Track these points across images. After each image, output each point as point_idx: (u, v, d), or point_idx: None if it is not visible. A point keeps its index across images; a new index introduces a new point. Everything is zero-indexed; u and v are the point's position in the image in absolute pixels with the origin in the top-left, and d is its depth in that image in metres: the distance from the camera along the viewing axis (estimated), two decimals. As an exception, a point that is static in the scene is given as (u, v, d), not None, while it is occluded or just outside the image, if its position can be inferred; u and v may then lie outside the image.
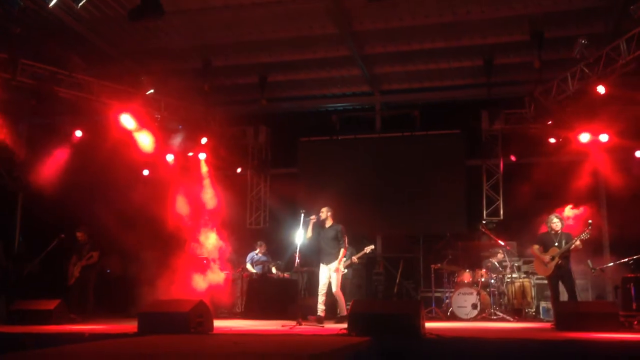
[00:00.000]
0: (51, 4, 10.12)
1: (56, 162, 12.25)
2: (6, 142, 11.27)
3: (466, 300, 10.63)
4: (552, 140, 11.66)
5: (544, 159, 12.35)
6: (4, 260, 11.20)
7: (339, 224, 9.53)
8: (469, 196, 13.36)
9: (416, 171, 13.62)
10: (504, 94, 12.99)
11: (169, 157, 13.05)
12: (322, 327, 8.13)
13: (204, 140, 12.89)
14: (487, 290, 10.97)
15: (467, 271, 11.25)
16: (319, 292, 9.23)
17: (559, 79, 11.09)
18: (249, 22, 11.27)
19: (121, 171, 12.83)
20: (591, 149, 11.67)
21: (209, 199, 12.99)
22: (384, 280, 12.82)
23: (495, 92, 12.83)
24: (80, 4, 10.19)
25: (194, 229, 12.15)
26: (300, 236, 9.08)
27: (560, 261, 8.84)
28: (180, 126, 12.63)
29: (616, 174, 11.70)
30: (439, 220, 13.18)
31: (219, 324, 8.27)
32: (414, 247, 13.55)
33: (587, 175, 11.93)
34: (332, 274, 9.22)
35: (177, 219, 12.12)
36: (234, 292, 12.15)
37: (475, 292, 10.64)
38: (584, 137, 11.25)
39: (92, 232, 10.88)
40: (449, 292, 11.44)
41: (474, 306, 10.53)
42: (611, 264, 10.10)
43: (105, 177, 12.77)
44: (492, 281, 11.02)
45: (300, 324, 8.44)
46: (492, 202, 13.12)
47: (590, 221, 8.85)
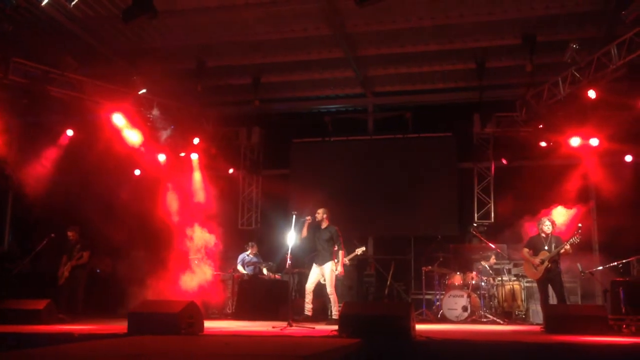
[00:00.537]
0: (44, 3, 10.06)
1: (47, 161, 12.20)
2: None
3: (457, 302, 10.66)
4: (543, 143, 11.75)
5: (535, 162, 12.44)
6: None
7: (334, 226, 9.58)
8: (461, 199, 13.43)
9: (408, 173, 13.66)
10: (495, 97, 13.06)
11: (161, 157, 13.03)
12: (313, 328, 8.12)
13: (197, 140, 12.88)
14: (478, 292, 11.00)
15: (458, 274, 11.29)
16: (306, 291, 9.26)
17: (550, 83, 11.16)
18: (242, 23, 11.26)
19: (112, 171, 12.80)
20: (582, 153, 11.76)
21: (200, 200, 12.98)
22: (375, 282, 12.84)
23: (487, 95, 12.89)
24: (73, 3, 10.14)
25: (185, 230, 12.13)
26: (291, 237, 9.08)
27: (550, 265, 8.88)
28: (172, 126, 12.59)
29: (606, 178, 11.79)
30: (431, 222, 13.22)
31: (209, 325, 8.26)
32: (405, 249, 13.57)
33: (577, 179, 12.02)
34: (326, 275, 9.26)
35: (168, 219, 12.10)
36: (224, 293, 12.13)
37: (465, 295, 10.67)
38: (575, 141, 11.35)
39: (83, 231, 10.84)
40: (439, 295, 11.47)
41: (465, 309, 10.56)
42: (600, 268, 10.16)
43: (96, 176, 12.73)
44: (483, 284, 11.06)
45: (291, 325, 8.44)
46: (483, 205, 13.19)
47: (580, 225, 8.92)
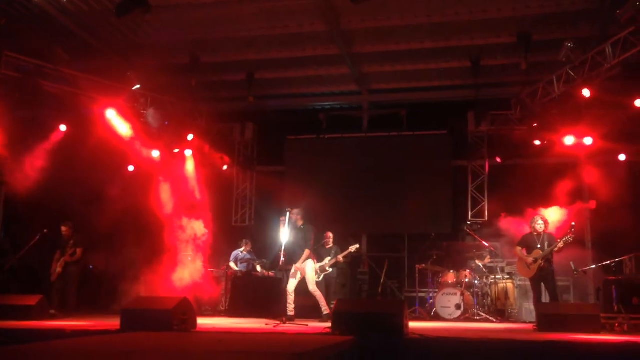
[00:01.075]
0: (37, -4, 10.02)
1: (40, 156, 12.12)
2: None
3: (450, 300, 10.68)
4: (538, 142, 11.77)
5: (529, 161, 12.46)
6: None
7: (309, 225, 9.47)
8: (455, 197, 13.45)
9: (402, 171, 13.66)
10: (490, 96, 13.05)
11: (154, 153, 12.98)
12: (306, 325, 8.11)
13: (191, 136, 12.84)
14: (471, 291, 11.02)
15: (452, 272, 11.30)
16: (287, 292, 9.16)
17: (545, 82, 11.18)
18: (237, 19, 11.21)
19: (105, 167, 12.74)
20: (576, 152, 11.78)
21: (193, 196, 12.95)
22: (368, 279, 12.86)
23: (482, 93, 12.88)
24: (66, -3, 10.10)
25: (179, 226, 12.10)
26: (285, 235, 9.05)
27: (542, 263, 8.90)
28: (166, 122, 12.55)
29: (600, 177, 11.83)
30: (424, 220, 13.23)
31: (202, 321, 8.23)
32: (399, 247, 13.59)
33: (571, 177, 12.05)
34: (306, 273, 9.20)
35: (162, 215, 12.07)
36: (218, 290, 12.11)
37: (459, 293, 10.69)
38: (569, 140, 11.37)
39: (76, 227, 10.78)
40: (432, 293, 11.48)
41: (458, 306, 10.58)
42: (593, 266, 10.20)
43: (89, 172, 12.68)
44: (476, 282, 11.08)
45: (284, 323, 8.43)
46: (477, 203, 13.21)
47: (573, 223, 8.94)
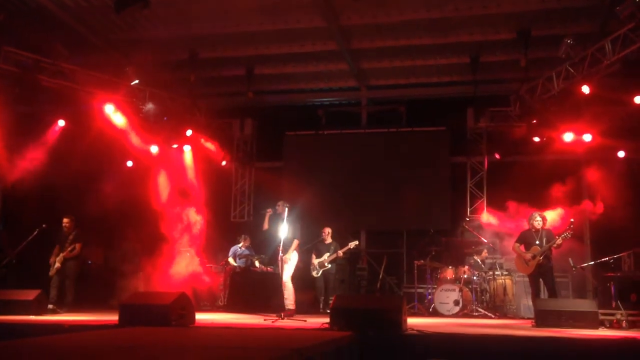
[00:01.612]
0: (36, -9, 9.98)
1: (38, 151, 12.10)
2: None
3: (448, 296, 10.68)
4: (537, 139, 11.75)
5: (528, 157, 12.46)
6: None
7: (294, 217, 9.44)
8: (453, 193, 13.43)
9: (401, 167, 13.66)
10: (489, 92, 13.06)
11: (153, 149, 12.97)
12: (304, 321, 8.11)
13: (189, 132, 12.83)
14: (470, 287, 11.03)
15: (450, 268, 11.31)
16: (284, 284, 9.15)
17: (544, 78, 11.17)
18: (236, 14, 11.19)
19: (104, 162, 12.73)
20: (575, 149, 11.77)
21: (192, 191, 12.94)
22: (367, 275, 12.86)
23: (481, 89, 12.89)
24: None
25: (177, 221, 12.09)
26: (284, 230, 9.05)
27: (541, 260, 8.91)
28: (165, 117, 12.53)
29: (599, 174, 11.83)
30: (423, 216, 13.24)
31: (200, 317, 8.23)
32: (398, 243, 13.59)
33: (570, 174, 12.04)
34: (287, 263, 9.16)
35: (160, 210, 12.06)
36: (216, 285, 12.11)
37: (457, 289, 10.69)
38: (568, 137, 11.36)
39: (77, 222, 10.76)
40: (431, 288, 11.49)
41: (456, 303, 10.58)
42: (592, 263, 10.20)
43: (88, 167, 12.67)
44: (475, 278, 11.08)
45: (282, 318, 8.43)
46: (476, 200, 13.20)
47: (572, 220, 8.93)
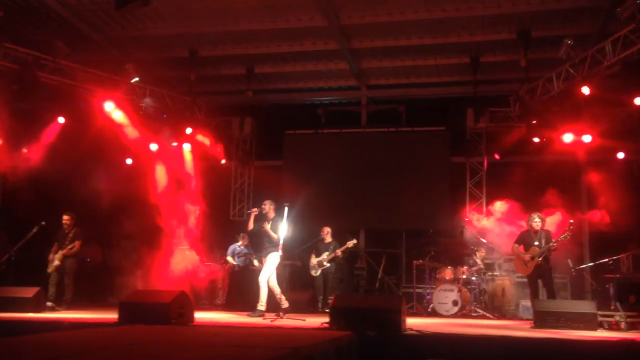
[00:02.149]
0: (36, -12, 9.97)
1: (37, 148, 12.10)
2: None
3: (447, 296, 10.68)
4: (536, 139, 11.75)
5: (528, 158, 12.47)
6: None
7: (280, 217, 9.36)
8: (452, 193, 13.43)
9: (400, 167, 13.65)
10: (489, 92, 13.06)
11: (152, 146, 12.96)
12: (304, 320, 8.11)
13: (189, 130, 12.82)
14: (468, 287, 11.03)
15: (449, 268, 11.30)
16: (271, 287, 9.06)
17: (544, 79, 11.17)
18: (237, 12, 11.19)
19: (104, 159, 12.73)
20: (574, 149, 11.78)
21: (191, 189, 12.94)
22: (366, 274, 12.84)
23: (480, 90, 12.87)
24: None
25: (176, 219, 12.09)
26: (283, 229, 9.03)
27: (540, 260, 8.89)
28: (165, 115, 12.53)
29: (598, 175, 11.84)
30: (422, 216, 13.23)
31: (199, 315, 8.24)
32: (397, 243, 13.59)
33: (569, 175, 12.05)
34: (267, 263, 8.97)
35: (159, 208, 12.05)
36: (215, 283, 12.11)
37: (456, 289, 10.69)
38: (568, 138, 11.36)
39: (77, 219, 10.74)
40: (430, 289, 11.49)
41: (455, 303, 10.58)
42: (591, 264, 10.21)
43: (87, 165, 12.66)
44: (473, 278, 11.08)
45: (281, 317, 8.43)
46: (475, 200, 13.20)
47: (571, 221, 8.93)
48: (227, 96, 14.43)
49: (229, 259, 12.16)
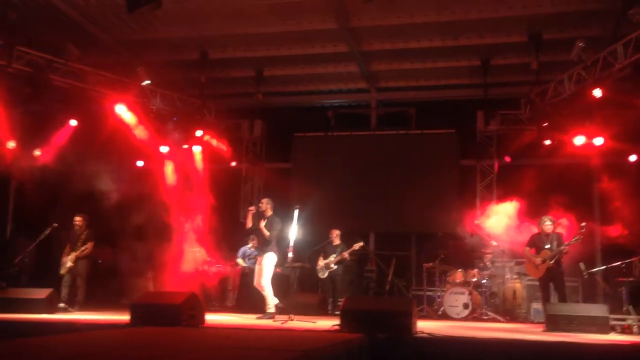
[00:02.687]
0: (48, -9, 10.04)
1: (50, 151, 12.18)
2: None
3: (457, 299, 10.65)
4: (547, 142, 11.70)
5: (539, 161, 12.41)
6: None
7: (277, 217, 9.33)
8: (463, 196, 13.38)
9: (410, 169, 13.63)
10: (500, 95, 13.02)
11: (163, 149, 13.02)
12: (314, 322, 8.11)
13: (199, 132, 12.87)
14: (479, 290, 10.99)
15: (459, 271, 11.26)
16: (265, 287, 9.07)
17: (556, 81, 11.13)
18: (247, 15, 11.22)
19: (115, 161, 12.78)
20: (586, 152, 11.71)
21: (201, 192, 12.97)
22: (375, 277, 12.80)
23: (491, 92, 12.83)
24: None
25: (187, 222, 12.12)
26: (293, 231, 9.04)
27: (551, 264, 8.85)
28: (175, 118, 12.58)
29: (610, 178, 11.76)
30: (432, 219, 13.18)
31: (210, 317, 8.26)
32: (407, 245, 13.55)
33: (581, 178, 11.98)
34: (264, 264, 8.97)
35: (169, 211, 12.10)
36: (225, 285, 12.13)
37: (466, 292, 10.66)
38: (579, 140, 11.29)
39: (90, 221, 10.79)
40: (440, 291, 11.45)
41: (466, 306, 10.55)
42: (603, 267, 10.14)
43: (98, 167, 12.71)
44: (484, 281, 11.03)
45: (292, 319, 8.43)
46: (486, 203, 13.12)
47: (583, 224, 8.87)
48: (237, 99, 14.46)
49: (239, 260, 12.18)
